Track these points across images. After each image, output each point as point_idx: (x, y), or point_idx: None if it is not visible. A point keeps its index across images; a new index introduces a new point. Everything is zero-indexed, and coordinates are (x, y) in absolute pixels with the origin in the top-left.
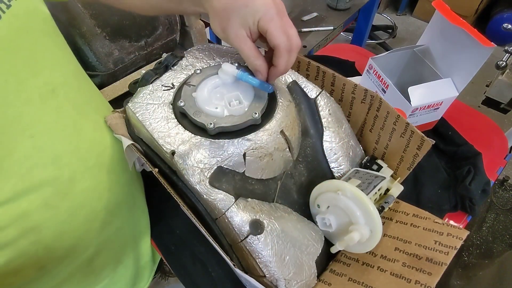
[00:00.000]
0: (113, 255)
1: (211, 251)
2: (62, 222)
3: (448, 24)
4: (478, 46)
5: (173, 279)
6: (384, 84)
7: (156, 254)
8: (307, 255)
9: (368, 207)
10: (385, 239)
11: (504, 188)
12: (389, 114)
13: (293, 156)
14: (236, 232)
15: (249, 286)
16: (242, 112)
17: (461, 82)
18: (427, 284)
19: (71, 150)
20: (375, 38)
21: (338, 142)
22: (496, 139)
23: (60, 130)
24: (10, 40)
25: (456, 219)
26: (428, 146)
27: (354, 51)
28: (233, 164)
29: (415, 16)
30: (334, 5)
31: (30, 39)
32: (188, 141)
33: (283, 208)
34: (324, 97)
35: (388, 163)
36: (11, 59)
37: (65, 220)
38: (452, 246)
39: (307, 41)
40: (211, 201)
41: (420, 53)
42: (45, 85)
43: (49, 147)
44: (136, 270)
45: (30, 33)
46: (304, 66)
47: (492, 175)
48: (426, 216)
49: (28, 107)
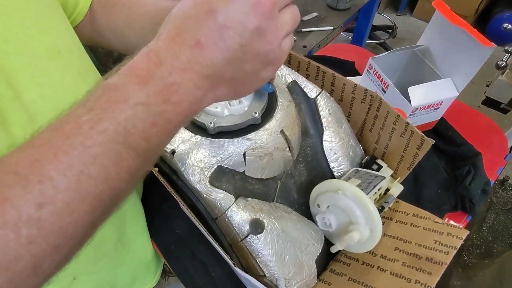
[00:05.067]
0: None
1: (211, 251)
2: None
3: (448, 24)
4: (478, 46)
5: (173, 279)
6: (384, 84)
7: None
8: (307, 254)
9: (368, 207)
10: (385, 239)
11: (504, 188)
12: (389, 114)
13: (293, 155)
14: (236, 231)
15: (249, 286)
16: (242, 111)
17: (461, 82)
18: (427, 284)
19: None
20: (375, 38)
21: (338, 142)
22: (496, 139)
23: (65, 87)
24: (19, 0)
25: (456, 219)
26: (428, 146)
27: (354, 51)
28: (233, 164)
29: (415, 16)
30: (334, 5)
31: (37, 4)
32: (188, 140)
33: (283, 207)
34: (324, 97)
35: (388, 163)
36: (19, 16)
37: None
38: (452, 246)
39: (307, 41)
40: (211, 201)
41: (420, 53)
42: (51, 45)
43: (53, 98)
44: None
45: (37, 1)
46: (304, 66)
47: (492, 175)
48: (426, 216)
49: (36, 60)
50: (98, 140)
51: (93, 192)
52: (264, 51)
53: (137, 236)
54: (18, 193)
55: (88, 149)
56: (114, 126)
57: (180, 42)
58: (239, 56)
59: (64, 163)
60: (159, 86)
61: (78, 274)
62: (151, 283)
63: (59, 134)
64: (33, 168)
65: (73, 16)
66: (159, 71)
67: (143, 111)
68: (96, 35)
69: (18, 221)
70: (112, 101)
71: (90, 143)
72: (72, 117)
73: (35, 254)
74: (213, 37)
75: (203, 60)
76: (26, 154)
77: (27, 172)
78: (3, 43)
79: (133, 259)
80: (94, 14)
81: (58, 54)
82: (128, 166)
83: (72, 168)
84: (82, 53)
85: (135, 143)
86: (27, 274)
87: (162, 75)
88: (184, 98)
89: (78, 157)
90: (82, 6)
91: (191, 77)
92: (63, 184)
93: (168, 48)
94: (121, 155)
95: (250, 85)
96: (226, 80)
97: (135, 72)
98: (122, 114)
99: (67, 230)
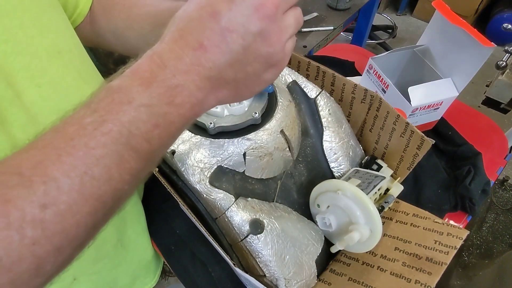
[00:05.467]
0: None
1: (211, 251)
2: None
3: (448, 24)
4: (478, 46)
5: (173, 279)
6: (384, 84)
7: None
8: (307, 254)
9: (368, 207)
10: (385, 239)
11: (504, 188)
12: (389, 114)
13: (293, 155)
14: (236, 231)
15: (249, 286)
16: (242, 111)
17: (461, 82)
18: (427, 284)
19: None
20: (375, 38)
21: (338, 142)
22: (496, 139)
23: (65, 88)
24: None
25: (456, 219)
26: (428, 146)
27: (354, 51)
28: (233, 164)
29: (415, 16)
30: (334, 5)
31: (37, 5)
32: (188, 140)
33: (283, 207)
34: (324, 97)
35: (388, 163)
36: (19, 16)
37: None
38: (452, 246)
39: (307, 41)
40: (211, 201)
41: (420, 53)
42: (51, 45)
43: (53, 99)
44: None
45: (37, 1)
46: (304, 66)
47: (492, 175)
48: (426, 216)
49: (36, 60)
50: (102, 141)
51: (96, 193)
52: (266, 53)
53: (138, 237)
54: (22, 194)
55: (92, 150)
56: (117, 127)
57: (183, 44)
58: (242, 58)
59: (68, 164)
60: (163, 88)
61: (79, 275)
62: (151, 283)
63: (62, 136)
64: (37, 169)
65: (73, 17)
66: (162, 74)
67: (146, 113)
68: (96, 36)
69: (22, 222)
70: (116, 103)
71: (94, 144)
72: (76, 119)
73: (38, 255)
74: (216, 40)
75: (206, 62)
76: (29, 156)
77: (30, 173)
78: (2, 44)
79: (133, 259)
80: (94, 15)
81: (58, 54)
82: (130, 168)
83: (76, 169)
84: (82, 53)
85: (138, 144)
86: (30, 275)
87: (166, 77)
88: (187, 100)
89: (81, 158)
90: (82, 7)
91: (193, 78)
92: (66, 185)
93: (172, 51)
94: (123, 157)
95: (252, 87)
96: (228, 82)
97: (138, 74)
98: (125, 116)
99: (70, 231)
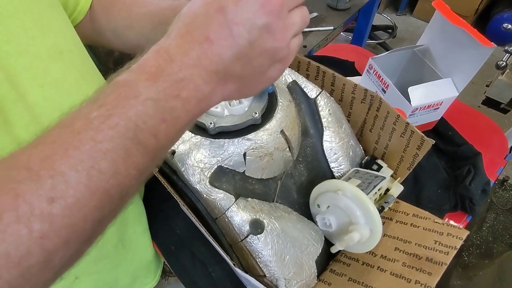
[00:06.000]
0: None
1: (211, 251)
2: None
3: (448, 24)
4: (478, 46)
5: (173, 279)
6: (384, 84)
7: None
8: (307, 254)
9: (368, 207)
10: (385, 239)
11: (504, 188)
12: (389, 114)
13: (293, 156)
14: (236, 231)
15: (249, 286)
16: (242, 111)
17: (461, 82)
18: (427, 284)
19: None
20: (375, 38)
21: (338, 142)
22: (496, 139)
23: (67, 88)
24: (20, 1)
25: (456, 219)
26: (428, 146)
27: (354, 51)
28: (233, 164)
29: (415, 16)
30: (334, 5)
31: (38, 5)
32: (188, 140)
33: (283, 208)
34: (324, 97)
35: (388, 163)
36: (21, 17)
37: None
38: (452, 246)
39: (307, 41)
40: (211, 201)
41: (420, 53)
42: (53, 46)
43: (56, 99)
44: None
45: (38, 2)
46: (304, 66)
47: (492, 175)
48: (426, 216)
49: (38, 61)
50: (109, 135)
51: (103, 187)
52: (272, 48)
53: (138, 237)
54: (30, 188)
55: (99, 144)
56: (124, 121)
57: (189, 39)
58: (248, 52)
59: (75, 158)
60: (169, 82)
61: (80, 274)
62: (152, 283)
63: (69, 130)
64: (44, 163)
65: (73, 15)
66: (169, 68)
67: (153, 107)
68: (96, 34)
69: (31, 215)
70: (123, 97)
71: (100, 138)
72: (82, 114)
73: (47, 249)
74: (222, 34)
75: (212, 56)
76: (37, 150)
77: (38, 168)
78: (4, 44)
79: (133, 260)
80: (94, 13)
81: (60, 54)
82: (137, 163)
83: (83, 163)
84: (83, 53)
85: (145, 139)
86: (38, 269)
87: (172, 72)
88: (193, 94)
89: (88, 152)
90: (82, 5)
91: (200, 72)
92: (74, 178)
93: (178, 45)
94: (130, 151)
95: (257, 83)
96: (234, 76)
97: (145, 69)
98: (132, 110)
99: (77, 225)
